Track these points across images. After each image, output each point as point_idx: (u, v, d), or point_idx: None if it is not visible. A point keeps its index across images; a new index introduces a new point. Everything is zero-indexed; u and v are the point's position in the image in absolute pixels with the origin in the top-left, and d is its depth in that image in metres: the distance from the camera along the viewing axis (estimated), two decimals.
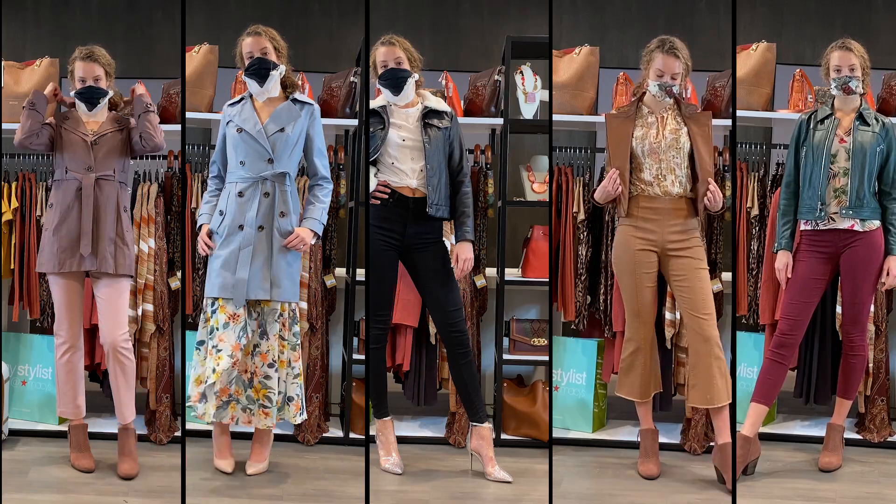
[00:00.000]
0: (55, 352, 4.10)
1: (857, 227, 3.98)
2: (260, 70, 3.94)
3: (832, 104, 4.09)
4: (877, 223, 4.00)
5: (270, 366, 3.96)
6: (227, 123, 4.01)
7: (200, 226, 4.01)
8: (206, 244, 3.96)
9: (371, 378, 4.09)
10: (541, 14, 5.67)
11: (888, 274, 4.00)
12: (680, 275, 3.96)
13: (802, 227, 4.08)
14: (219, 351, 3.89)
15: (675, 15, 5.95)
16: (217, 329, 3.92)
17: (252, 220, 3.92)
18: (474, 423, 4.07)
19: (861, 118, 4.02)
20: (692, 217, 3.98)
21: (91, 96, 4.05)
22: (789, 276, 4.08)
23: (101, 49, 4.10)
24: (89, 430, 4.20)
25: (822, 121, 4.06)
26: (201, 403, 3.91)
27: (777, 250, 4.12)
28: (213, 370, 3.88)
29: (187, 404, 4.00)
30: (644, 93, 4.02)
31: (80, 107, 4.08)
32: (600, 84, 4.62)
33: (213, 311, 3.94)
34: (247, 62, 3.98)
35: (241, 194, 3.94)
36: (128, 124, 4.11)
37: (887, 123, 4.05)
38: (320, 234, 4.04)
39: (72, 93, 4.08)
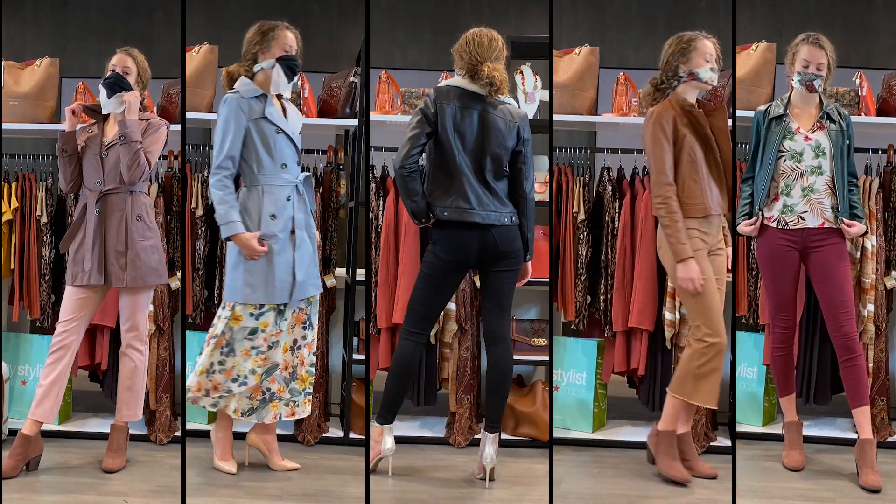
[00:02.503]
0: (48, 352, 4.06)
1: (828, 225, 4.00)
2: (295, 68, 3.97)
3: (787, 100, 4.09)
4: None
5: (314, 354, 4.07)
6: (257, 119, 3.92)
7: (237, 233, 3.86)
8: (258, 249, 3.89)
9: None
10: (541, 14, 5.67)
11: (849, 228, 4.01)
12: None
13: (768, 224, 4.07)
14: (261, 353, 3.97)
15: (675, 15, 5.95)
16: (261, 331, 3.96)
17: (302, 222, 3.99)
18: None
19: (828, 116, 4.03)
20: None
21: (114, 84, 4.03)
22: (754, 232, 4.07)
23: (141, 54, 4.14)
24: (87, 429, 4.20)
25: (775, 119, 4.06)
26: (227, 400, 3.98)
27: (739, 221, 4.09)
28: (254, 371, 3.96)
29: (188, 396, 3.99)
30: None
31: (102, 95, 4.06)
32: (600, 84, 4.62)
33: (261, 315, 3.95)
34: (284, 52, 3.96)
35: (288, 198, 3.96)
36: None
37: (846, 117, 4.07)
38: None
39: (101, 84, 4.07)
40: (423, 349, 4.06)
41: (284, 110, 4.01)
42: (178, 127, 4.35)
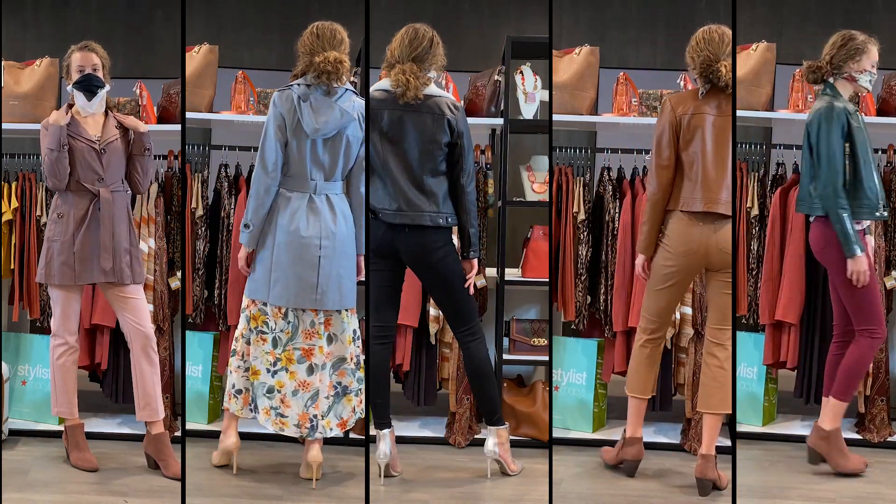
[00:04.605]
0: (52, 353, 4.10)
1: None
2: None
3: (846, 98, 3.99)
4: None
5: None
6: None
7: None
8: None
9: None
10: (541, 14, 5.67)
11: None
12: None
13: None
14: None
15: (675, 15, 5.95)
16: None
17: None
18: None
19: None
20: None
21: (90, 84, 4.02)
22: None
23: (98, 45, 4.11)
24: (88, 429, 4.20)
25: (853, 115, 3.94)
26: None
27: (855, 255, 3.86)
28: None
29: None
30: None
31: (80, 99, 4.04)
32: (600, 84, 4.62)
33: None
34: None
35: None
36: (126, 130, 4.12)
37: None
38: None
39: (69, 87, 4.06)
40: (391, 348, 4.10)
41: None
42: (178, 127, 4.35)
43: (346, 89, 3.89)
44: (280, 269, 3.87)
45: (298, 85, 3.86)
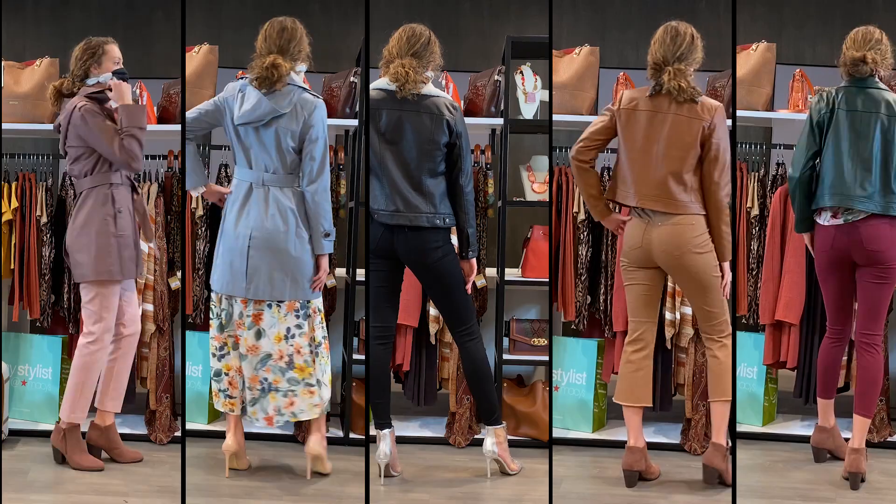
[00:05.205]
0: (95, 354, 4.04)
1: None
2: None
3: None
4: None
5: (316, 345, 4.01)
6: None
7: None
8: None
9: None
10: (541, 14, 5.67)
11: None
12: None
13: None
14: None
15: (675, 15, 5.93)
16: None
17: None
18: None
19: None
20: None
21: (125, 76, 4.08)
22: None
23: None
24: (87, 429, 4.21)
25: None
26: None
27: None
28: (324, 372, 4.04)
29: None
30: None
31: (123, 87, 4.04)
32: (600, 84, 4.62)
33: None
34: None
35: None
36: None
37: None
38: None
39: (101, 77, 4.06)
40: (390, 348, 4.09)
41: None
42: (178, 127, 4.35)
43: (291, 84, 3.87)
44: (220, 256, 3.96)
45: (245, 78, 3.93)
